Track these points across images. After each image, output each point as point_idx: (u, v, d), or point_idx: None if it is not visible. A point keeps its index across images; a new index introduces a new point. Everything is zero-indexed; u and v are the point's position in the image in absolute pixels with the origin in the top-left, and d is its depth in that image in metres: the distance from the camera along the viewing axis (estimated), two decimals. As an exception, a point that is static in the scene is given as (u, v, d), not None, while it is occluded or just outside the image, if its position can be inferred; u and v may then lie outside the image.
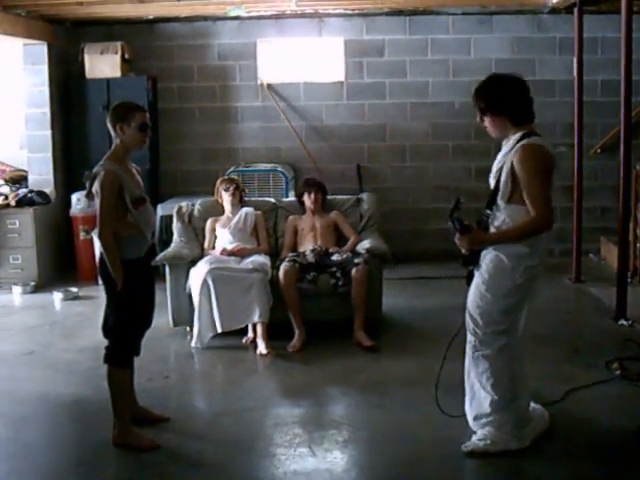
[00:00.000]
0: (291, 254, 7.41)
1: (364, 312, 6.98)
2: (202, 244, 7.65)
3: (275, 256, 7.56)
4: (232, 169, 9.86)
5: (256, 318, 6.88)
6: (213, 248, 7.56)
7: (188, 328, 7.20)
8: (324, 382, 6.04)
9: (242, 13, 9.81)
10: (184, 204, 7.98)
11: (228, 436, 5.24)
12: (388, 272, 7.81)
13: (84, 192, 8.85)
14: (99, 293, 8.57)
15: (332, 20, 10.36)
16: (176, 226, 7.80)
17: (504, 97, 4.67)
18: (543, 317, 7.74)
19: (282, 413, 5.64)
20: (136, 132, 5.02)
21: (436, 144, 10.44)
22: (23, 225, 9.40)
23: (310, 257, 7.28)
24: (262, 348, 6.77)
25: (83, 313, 8.34)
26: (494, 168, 4.78)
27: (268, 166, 10.08)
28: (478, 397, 4.94)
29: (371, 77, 10.41)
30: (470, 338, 4.90)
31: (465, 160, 10.42)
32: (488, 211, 4.76)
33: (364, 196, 8.20)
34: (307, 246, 7.48)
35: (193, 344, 6.96)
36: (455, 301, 8.21)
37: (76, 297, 8.91)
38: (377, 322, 7.28)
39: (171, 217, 7.98)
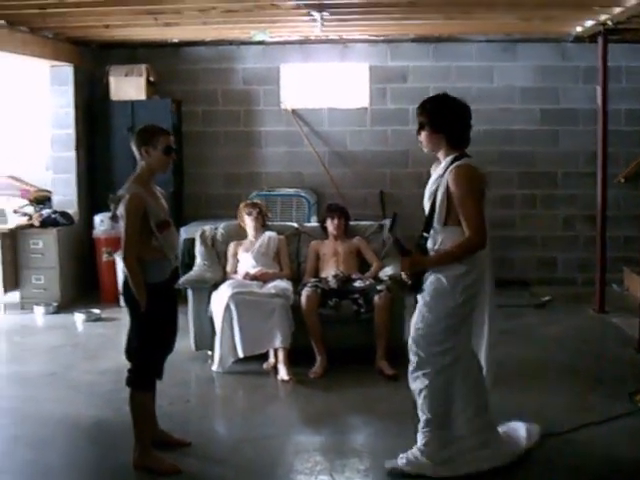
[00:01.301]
0: (313, 279, 7.38)
1: (386, 340, 6.94)
2: (225, 268, 7.64)
3: (297, 281, 7.53)
4: (255, 193, 9.87)
5: (278, 343, 6.86)
6: (235, 272, 7.55)
7: (209, 352, 7.18)
8: (345, 410, 6.00)
9: (266, 38, 9.85)
10: (207, 227, 7.98)
11: (249, 462, 5.21)
12: (409, 299, 7.74)
13: (107, 213, 9.02)
14: (121, 315, 8.58)
15: (357, 46, 10.39)
16: (199, 249, 7.80)
17: (447, 117, 4.76)
18: (565, 347, 7.71)
19: (303, 440, 5.61)
20: (161, 155, 5.03)
21: (458, 171, 10.38)
22: (46, 245, 9.42)
23: (332, 283, 7.25)
24: (283, 374, 6.74)
25: (105, 335, 8.35)
26: (427, 192, 4.85)
27: (291, 191, 10.08)
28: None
29: (395, 103, 10.41)
30: (412, 359, 4.93)
31: (488, 188, 10.33)
32: (425, 234, 4.84)
33: (387, 222, 8.17)
34: (329, 272, 7.46)
35: (214, 368, 6.94)
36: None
37: (98, 318, 8.92)
38: (399, 350, 7.19)
39: (194, 240, 7.97)
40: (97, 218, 9.72)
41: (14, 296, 9.48)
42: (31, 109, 10.57)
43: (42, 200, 10.25)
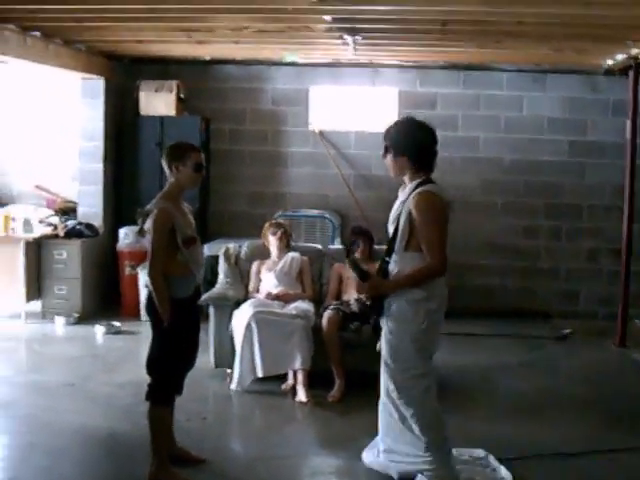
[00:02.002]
0: (335, 302, 7.37)
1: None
2: (247, 286, 7.65)
3: (319, 303, 7.53)
4: (280, 213, 9.89)
5: (297, 365, 6.85)
6: (258, 291, 7.55)
7: (229, 370, 7.16)
8: (362, 434, 5.95)
9: (297, 59, 9.90)
10: (231, 245, 7.99)
11: (263, 482, 5.21)
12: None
13: (132, 227, 9.07)
14: (141, 328, 8.61)
15: (386, 71, 10.42)
16: (222, 267, 7.81)
17: (410, 141, 4.83)
18: (584, 380, 7.68)
19: (319, 463, 5.61)
20: (191, 172, 5.08)
21: (485, 200, 10.41)
22: (70, 256, 9.46)
23: (354, 306, 7.22)
24: (301, 396, 6.73)
25: (124, 348, 8.37)
26: (392, 216, 4.91)
27: (315, 212, 10.11)
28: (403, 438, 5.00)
29: (422, 129, 10.40)
30: (388, 386, 4.97)
31: (514, 217, 10.37)
32: (387, 259, 4.88)
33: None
34: (352, 295, 7.43)
35: (233, 387, 6.93)
36: (496, 360, 8.26)
37: (118, 331, 8.95)
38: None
39: (217, 257, 7.98)
40: (122, 231, 9.77)
41: (36, 305, 9.51)
42: (61, 120, 10.65)
43: (68, 211, 10.33)
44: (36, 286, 9.45)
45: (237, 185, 10.63)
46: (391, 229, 4.90)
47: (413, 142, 4.85)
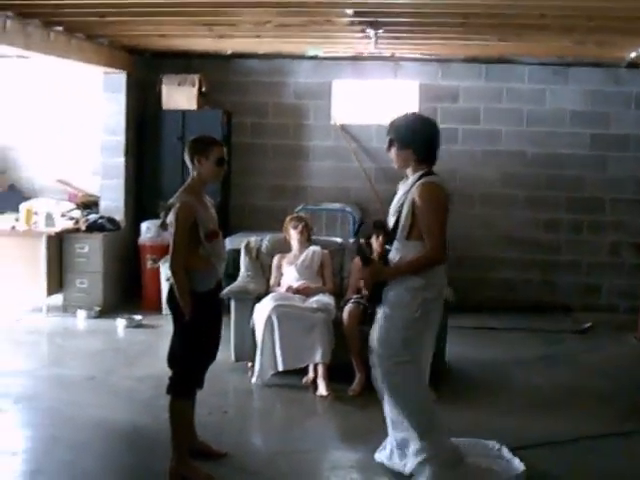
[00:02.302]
0: (356, 295, 7.35)
1: (427, 359, 6.88)
2: (268, 280, 7.66)
3: (340, 296, 7.52)
4: (301, 207, 9.88)
5: (318, 358, 6.85)
6: (279, 285, 7.56)
7: (249, 364, 7.19)
8: (383, 428, 5.95)
9: (320, 53, 9.88)
10: (253, 239, 8.01)
11: (284, 476, 5.23)
12: (451, 320, 7.71)
13: (154, 221, 9.09)
14: (162, 322, 8.63)
15: (408, 64, 10.39)
16: (244, 260, 7.83)
17: (415, 134, 4.94)
18: (604, 374, 7.65)
19: (339, 456, 5.61)
20: (213, 166, 5.08)
21: (506, 193, 10.38)
22: (92, 250, 9.49)
23: (375, 299, 7.22)
24: (322, 389, 6.73)
25: (145, 341, 8.40)
26: (392, 208, 5.02)
27: (336, 206, 10.10)
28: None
29: (444, 122, 10.30)
30: (378, 370, 5.06)
31: (534, 211, 10.32)
32: (388, 247, 5.01)
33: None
34: (372, 289, 7.43)
35: (254, 380, 6.95)
36: (516, 354, 8.25)
37: (139, 325, 8.98)
38: (440, 370, 7.17)
39: (238, 251, 7.99)
40: (143, 225, 9.79)
41: (57, 299, 9.56)
42: (83, 115, 10.70)
43: (89, 205, 10.37)
44: (58, 280, 9.50)
45: (259, 178, 10.64)
46: (392, 220, 5.00)
47: (417, 135, 4.97)
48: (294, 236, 7.69)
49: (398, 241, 4.91)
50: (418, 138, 4.95)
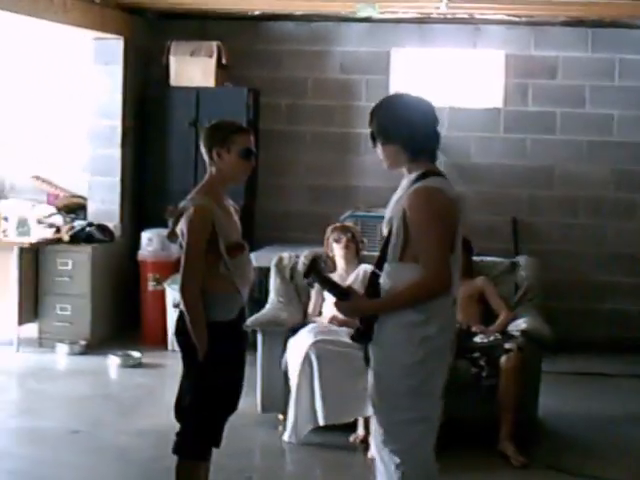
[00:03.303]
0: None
1: (514, 415, 6.87)
2: (306, 308, 7.69)
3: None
4: (348, 214, 9.90)
5: (369, 411, 6.84)
6: (320, 314, 7.57)
7: (281, 416, 7.20)
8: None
9: (375, 14, 9.89)
10: (286, 255, 8.02)
11: None
12: (547, 363, 7.70)
13: (159, 230, 9.15)
14: (168, 361, 8.70)
15: (491, 28, 10.41)
16: (274, 282, 7.85)
17: (399, 123, 4.79)
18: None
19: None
20: (237, 159, 5.08)
21: (620, 197, 10.36)
22: (77, 267, 9.57)
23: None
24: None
25: (146, 386, 8.45)
26: (386, 217, 4.88)
27: (395, 212, 10.09)
28: None
29: (537, 105, 10.38)
30: (377, 428, 4.94)
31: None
32: (377, 271, 4.83)
33: (521, 260, 8.13)
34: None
35: (286, 438, 6.95)
36: (631, 408, 8.18)
37: (138, 364, 9.03)
38: (530, 428, 7.17)
39: (267, 270, 8.03)
40: (145, 235, 9.86)
41: (31, 330, 9.65)
42: (68, 93, 10.77)
43: (74, 208, 10.44)
44: (32, 305, 9.60)
45: (294, 176, 10.70)
46: (385, 232, 4.89)
47: (401, 125, 4.80)
48: (338, 252, 7.69)
49: (389, 264, 4.78)
50: (404, 128, 4.79)
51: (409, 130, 4.78)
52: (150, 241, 9.77)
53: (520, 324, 7.37)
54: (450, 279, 4.66)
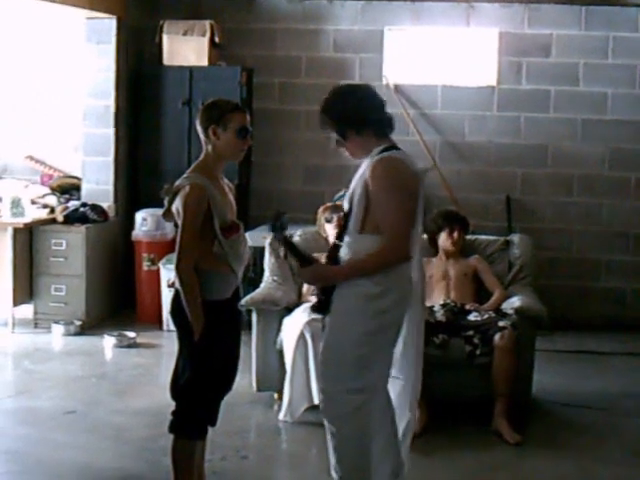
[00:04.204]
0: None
1: (508, 392, 6.88)
2: (300, 287, 7.71)
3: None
4: (342, 193, 9.87)
5: (365, 389, 6.88)
6: (314, 294, 7.59)
7: (276, 395, 7.24)
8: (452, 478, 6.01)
9: (368, -9, 9.91)
10: (279, 234, 8.04)
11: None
12: (541, 341, 7.72)
13: (153, 210, 9.16)
14: (163, 341, 8.72)
15: (484, 6, 10.40)
16: (268, 261, 7.87)
17: (362, 107, 4.95)
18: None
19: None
20: (233, 138, 5.08)
21: (614, 176, 10.37)
22: (71, 247, 9.58)
23: (439, 314, 7.24)
24: (370, 429, 6.76)
25: (141, 365, 8.45)
26: (349, 191, 4.98)
27: (389, 191, 10.10)
28: None
29: (532, 83, 10.38)
30: (320, 397, 5.07)
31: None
32: (338, 242, 4.95)
33: (515, 238, 8.14)
34: (436, 299, 7.46)
35: (281, 416, 6.97)
36: (626, 386, 8.21)
37: (133, 344, 9.04)
38: (524, 406, 7.19)
39: (262, 249, 8.05)
40: (139, 215, 9.87)
41: (26, 310, 9.67)
42: (60, 73, 10.77)
43: (68, 189, 10.43)
44: (27, 285, 9.62)
45: (288, 156, 10.71)
46: (346, 207, 4.98)
47: (367, 109, 4.95)
48: (330, 232, 7.69)
49: (349, 234, 4.88)
50: (371, 111, 4.95)
51: (374, 111, 4.96)
52: (144, 221, 9.78)
53: (514, 302, 7.37)
54: (409, 248, 4.74)
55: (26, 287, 9.59)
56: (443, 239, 7.75)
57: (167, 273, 9.05)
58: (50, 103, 10.83)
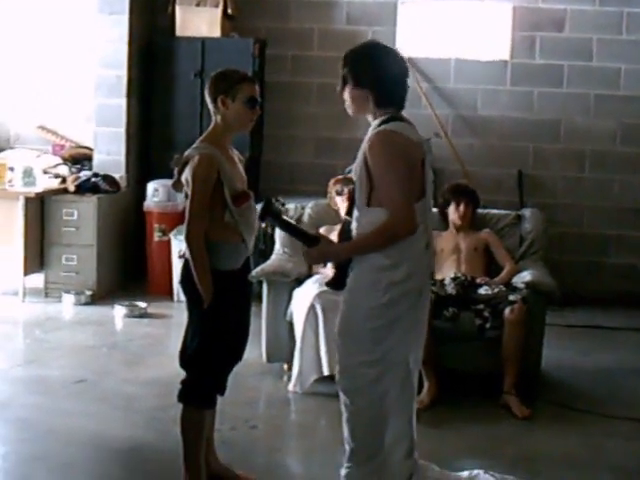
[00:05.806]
0: (425, 282, 7.39)
1: (517, 366, 6.90)
2: (311, 259, 7.69)
3: (404, 282, 7.54)
4: (353, 166, 9.89)
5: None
6: (325, 265, 7.59)
7: (286, 366, 7.27)
8: (459, 452, 5.99)
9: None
10: (291, 206, 8.07)
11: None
12: (552, 316, 7.72)
13: (164, 181, 9.17)
14: (173, 311, 8.74)
15: (499, -20, 10.38)
16: (279, 233, 7.87)
17: (373, 69, 4.82)
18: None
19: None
20: (242, 108, 5.08)
21: (626, 151, 10.36)
22: (83, 217, 9.60)
23: (450, 288, 7.25)
24: (379, 401, 6.77)
25: (152, 335, 8.49)
26: (355, 164, 4.91)
27: (401, 165, 10.10)
28: None
29: (545, 57, 10.36)
30: (336, 369, 5.06)
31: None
32: (348, 218, 4.92)
33: (526, 213, 8.14)
34: (447, 273, 7.46)
35: (291, 387, 7.01)
36: (637, 361, 8.19)
37: (144, 314, 9.07)
38: (534, 380, 7.19)
39: (273, 221, 8.04)
40: (150, 186, 9.89)
41: (37, 280, 9.69)
42: (72, 43, 10.77)
43: (80, 159, 10.45)
44: (38, 255, 9.64)
45: (300, 128, 10.70)
46: (355, 179, 4.93)
47: (373, 70, 4.83)
48: (341, 204, 7.67)
49: (357, 209, 4.83)
50: (376, 73, 4.83)
51: (380, 76, 4.82)
52: (156, 192, 9.79)
53: (525, 276, 7.37)
54: (413, 221, 4.68)
55: (37, 256, 9.60)
56: (451, 212, 7.76)
57: (178, 244, 9.06)
58: (62, 73, 10.84)
